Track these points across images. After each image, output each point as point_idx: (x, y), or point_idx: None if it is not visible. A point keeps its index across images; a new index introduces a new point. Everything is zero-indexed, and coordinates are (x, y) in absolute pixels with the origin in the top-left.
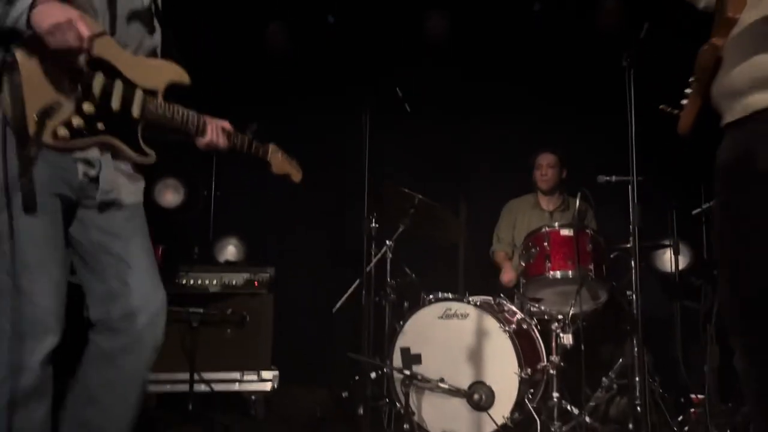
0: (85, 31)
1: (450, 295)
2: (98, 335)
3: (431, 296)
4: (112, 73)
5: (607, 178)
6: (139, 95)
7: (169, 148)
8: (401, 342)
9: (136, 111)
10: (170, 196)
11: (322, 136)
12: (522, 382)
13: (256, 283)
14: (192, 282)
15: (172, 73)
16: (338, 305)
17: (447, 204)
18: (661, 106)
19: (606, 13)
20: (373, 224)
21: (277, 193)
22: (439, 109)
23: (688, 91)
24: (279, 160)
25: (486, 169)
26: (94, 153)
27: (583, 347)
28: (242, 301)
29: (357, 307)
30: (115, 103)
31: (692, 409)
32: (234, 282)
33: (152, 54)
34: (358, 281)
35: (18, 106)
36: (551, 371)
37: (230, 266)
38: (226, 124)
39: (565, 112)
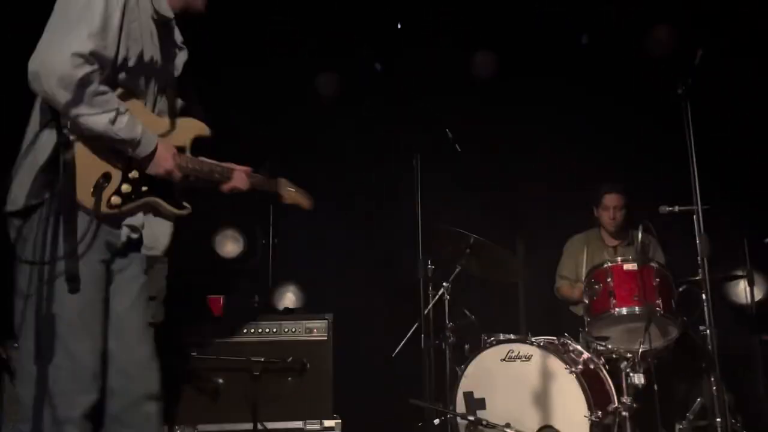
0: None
1: (512, 336)
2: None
3: (492, 338)
4: None
5: (670, 208)
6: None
7: (227, 198)
8: (464, 386)
9: None
10: (230, 246)
11: (375, 181)
12: (593, 425)
13: (315, 330)
14: (252, 330)
15: (196, 129)
16: (397, 350)
17: (503, 242)
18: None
19: (657, 41)
20: (429, 266)
21: (333, 239)
22: (490, 147)
23: None
24: (288, 192)
25: (541, 204)
26: (138, 218)
27: (656, 387)
28: (302, 349)
29: (417, 351)
30: None
31: None
32: (294, 329)
33: (181, 113)
34: (416, 325)
35: (71, 184)
36: (623, 413)
37: (289, 314)
38: (247, 169)
39: (621, 144)
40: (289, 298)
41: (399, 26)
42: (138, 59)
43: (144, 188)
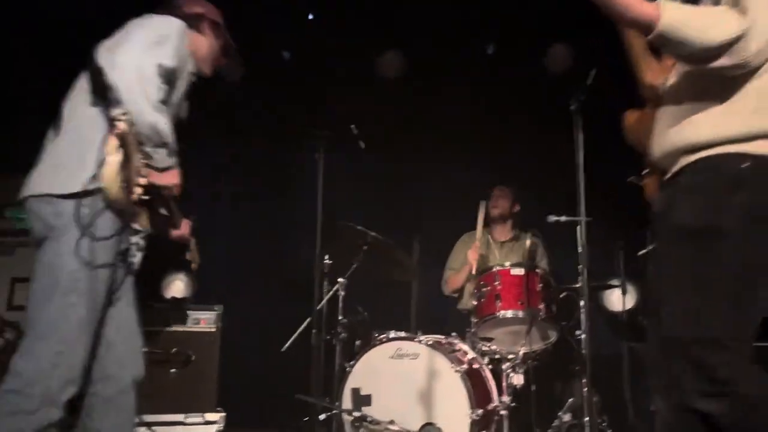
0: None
1: (401, 334)
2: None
3: (383, 336)
4: None
5: (557, 218)
6: None
7: None
8: (351, 382)
9: None
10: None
11: (275, 172)
12: (473, 423)
13: (202, 321)
14: None
15: None
16: (287, 344)
17: (400, 241)
18: (629, 179)
19: (555, 59)
20: (326, 261)
21: (227, 229)
22: (393, 146)
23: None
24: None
25: (439, 207)
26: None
27: (533, 387)
28: (189, 340)
29: (307, 346)
30: None
31: None
32: (180, 320)
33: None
34: (308, 320)
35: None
36: (502, 412)
37: (176, 303)
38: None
39: (518, 152)
40: (177, 287)
41: (310, 17)
42: (173, 100)
43: (145, 197)
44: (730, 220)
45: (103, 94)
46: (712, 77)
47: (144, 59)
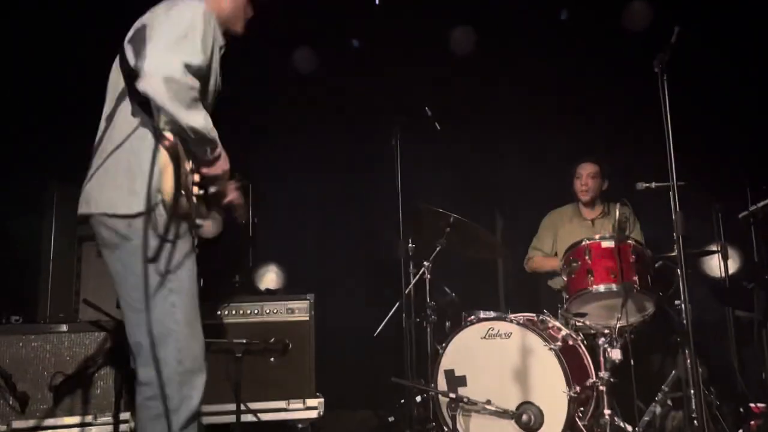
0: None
1: (492, 314)
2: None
3: (473, 316)
4: None
5: (647, 184)
6: None
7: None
8: (445, 364)
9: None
10: (209, 226)
11: (353, 160)
12: (571, 400)
13: (296, 310)
14: (234, 312)
15: None
16: (379, 329)
17: (484, 220)
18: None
19: (635, 18)
20: (410, 245)
21: (313, 219)
22: (469, 125)
23: None
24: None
25: (521, 182)
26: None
27: (632, 361)
28: (284, 329)
29: (398, 330)
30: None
31: (752, 421)
32: (275, 310)
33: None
34: (398, 304)
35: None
36: (601, 387)
37: (270, 294)
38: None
39: (600, 121)
40: (270, 279)
41: (377, 1)
42: (210, 87)
43: (201, 192)
44: None
45: (140, 98)
46: None
47: (170, 61)
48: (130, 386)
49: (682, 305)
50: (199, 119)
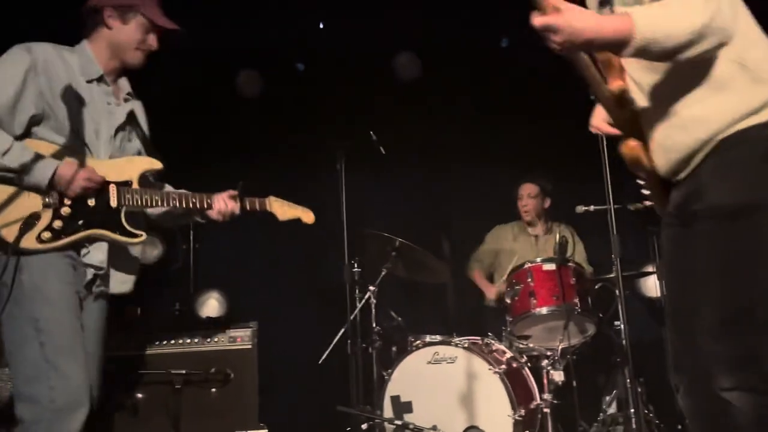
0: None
1: (437, 338)
2: None
3: (418, 341)
4: None
5: (586, 207)
6: (112, 189)
7: None
8: (390, 390)
9: (113, 201)
10: (148, 251)
11: (296, 183)
12: (516, 423)
13: (239, 338)
14: (173, 341)
15: (144, 164)
16: (324, 356)
17: (429, 244)
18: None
19: None
20: (355, 269)
21: (256, 243)
22: (414, 150)
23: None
24: (281, 209)
25: (466, 206)
26: (96, 257)
27: (575, 382)
28: (226, 358)
29: (343, 356)
30: (90, 201)
31: None
32: (216, 339)
33: (136, 154)
34: (343, 329)
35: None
36: (545, 409)
37: (212, 323)
38: (231, 192)
39: (543, 144)
40: (212, 306)
41: (321, 26)
42: (61, 115)
43: (80, 222)
44: None
45: None
46: (690, 65)
47: None
48: None
49: (621, 326)
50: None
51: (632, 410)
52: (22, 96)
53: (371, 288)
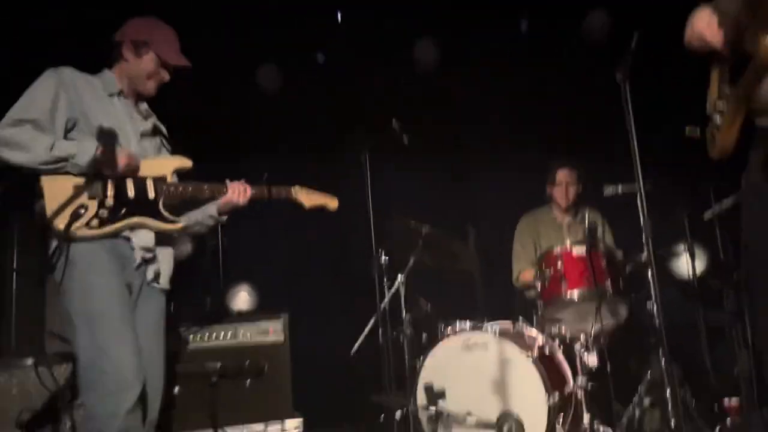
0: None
1: (468, 325)
2: None
3: (449, 327)
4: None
5: (614, 189)
6: (149, 182)
7: None
8: (423, 378)
9: (150, 193)
10: (178, 248)
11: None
12: (551, 408)
13: (270, 330)
14: (206, 336)
15: (176, 162)
16: (356, 346)
17: (456, 231)
18: (687, 129)
19: (593, 26)
20: (383, 259)
21: (284, 237)
22: (437, 137)
23: (718, 111)
24: (306, 197)
25: (490, 192)
26: (145, 239)
27: (609, 365)
28: (259, 351)
29: (375, 345)
30: (130, 192)
31: (728, 418)
32: (249, 332)
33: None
34: (373, 319)
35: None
36: (579, 393)
37: (243, 316)
38: (242, 183)
39: (566, 127)
40: (242, 299)
41: (339, 17)
42: (91, 120)
43: (123, 211)
44: None
45: None
46: None
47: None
48: None
49: (654, 307)
50: (20, 157)
51: (668, 392)
52: (58, 104)
53: (400, 276)
